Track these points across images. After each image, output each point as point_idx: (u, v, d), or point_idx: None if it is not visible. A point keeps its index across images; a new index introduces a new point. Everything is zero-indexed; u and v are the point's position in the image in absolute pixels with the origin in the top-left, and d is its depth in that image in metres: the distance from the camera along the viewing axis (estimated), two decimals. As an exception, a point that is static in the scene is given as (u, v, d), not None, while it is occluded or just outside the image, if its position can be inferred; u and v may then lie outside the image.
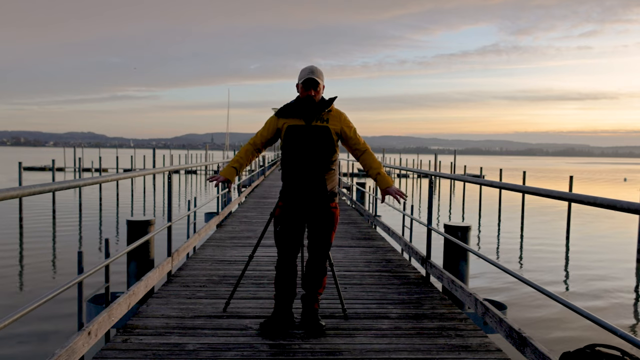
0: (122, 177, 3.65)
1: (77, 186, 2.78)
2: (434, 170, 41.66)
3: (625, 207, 2.23)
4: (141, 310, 3.91)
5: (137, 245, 4.28)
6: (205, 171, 45.94)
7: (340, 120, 3.52)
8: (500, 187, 3.69)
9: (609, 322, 2.37)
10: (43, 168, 47.08)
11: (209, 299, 4.27)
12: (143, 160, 42.43)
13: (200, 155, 66.92)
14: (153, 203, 23.54)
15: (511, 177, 41.77)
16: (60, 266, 10.79)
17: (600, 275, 11.07)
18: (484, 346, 3.35)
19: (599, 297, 9.26)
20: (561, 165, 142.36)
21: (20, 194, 2.18)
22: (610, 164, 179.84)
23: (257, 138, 3.61)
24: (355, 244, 7.18)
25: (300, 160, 3.42)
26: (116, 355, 3.06)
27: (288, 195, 3.50)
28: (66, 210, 19.32)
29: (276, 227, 3.53)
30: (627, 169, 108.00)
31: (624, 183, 50.78)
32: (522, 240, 15.74)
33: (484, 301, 3.83)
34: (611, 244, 15.26)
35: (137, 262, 5.12)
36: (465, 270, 5.34)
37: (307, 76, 3.42)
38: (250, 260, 4.15)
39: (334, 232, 3.59)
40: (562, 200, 2.79)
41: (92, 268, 3.17)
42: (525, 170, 24.69)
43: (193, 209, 6.81)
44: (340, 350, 3.22)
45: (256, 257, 5.71)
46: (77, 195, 21.75)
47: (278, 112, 3.55)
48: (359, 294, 4.55)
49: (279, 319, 3.53)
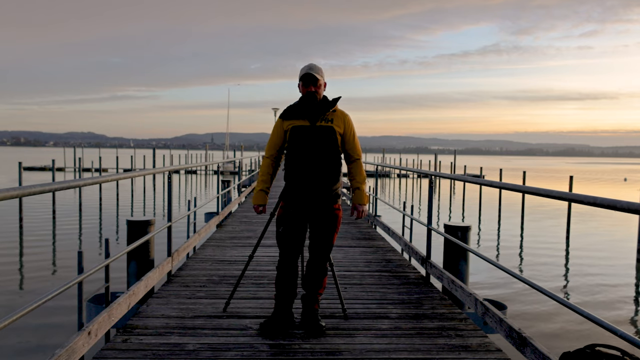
0: (122, 177, 3.65)
1: (77, 186, 2.78)
2: (434, 170, 41.66)
3: (625, 207, 2.23)
4: (141, 310, 3.91)
5: (137, 245, 4.28)
6: (206, 171, 45.95)
7: (344, 121, 3.52)
8: (500, 187, 3.69)
9: (608, 322, 2.37)
10: (43, 168, 47.09)
11: (209, 299, 4.27)
12: (143, 160, 42.44)
13: (200, 155, 66.92)
14: (153, 203, 23.54)
15: (511, 177, 41.77)
16: (60, 266, 10.79)
17: (600, 275, 11.07)
18: (484, 346, 3.35)
19: (599, 297, 9.26)
20: (561, 165, 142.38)
21: (20, 194, 2.18)
22: (610, 164, 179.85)
23: (272, 148, 3.60)
24: (355, 244, 7.18)
25: (304, 160, 3.41)
26: (116, 355, 3.05)
27: (291, 195, 3.50)
28: (66, 210, 19.32)
29: (278, 228, 3.53)
30: (627, 169, 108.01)
31: (624, 183, 50.78)
32: (522, 240, 15.74)
33: (484, 301, 3.84)
34: (611, 244, 15.26)
35: (137, 262, 5.12)
36: (465, 270, 5.34)
37: (306, 72, 3.43)
38: (250, 260, 4.16)
39: (336, 233, 3.58)
40: (562, 200, 2.79)
41: (92, 268, 3.17)
42: (525, 170, 24.67)
43: (193, 209, 6.82)
44: (340, 350, 3.22)
45: (256, 257, 5.71)
46: (77, 195, 21.75)
47: (282, 114, 3.54)
48: (359, 294, 4.55)
49: (279, 319, 3.52)
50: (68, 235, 14.45)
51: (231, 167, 43.01)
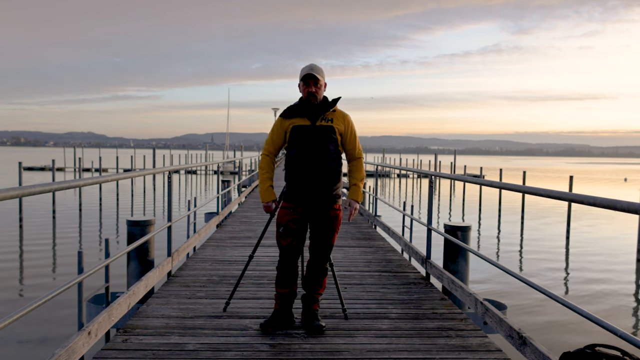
0: (122, 177, 3.65)
1: (77, 186, 2.79)
2: (434, 170, 41.65)
3: (625, 207, 2.23)
4: (141, 310, 3.91)
5: (137, 245, 4.28)
6: (206, 171, 45.93)
7: (345, 121, 3.53)
8: (500, 187, 3.69)
9: (609, 322, 2.37)
10: (43, 168, 47.08)
11: (209, 299, 4.27)
12: (143, 160, 42.41)
13: (200, 155, 66.89)
14: (153, 203, 23.54)
15: (511, 177, 41.77)
16: (60, 266, 10.79)
17: (600, 275, 11.07)
18: (484, 346, 3.35)
19: (598, 297, 9.26)
20: (561, 165, 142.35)
21: (20, 194, 2.18)
22: (610, 164, 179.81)
23: (270, 146, 3.59)
24: (356, 244, 7.17)
25: (305, 160, 3.41)
26: (116, 355, 3.06)
27: (291, 195, 3.50)
28: (66, 210, 19.32)
29: (278, 228, 3.53)
30: (627, 169, 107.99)
31: (624, 183, 50.77)
32: (522, 240, 15.74)
33: (483, 301, 3.84)
34: (611, 243, 15.25)
35: (137, 262, 5.12)
36: (465, 270, 5.34)
37: (307, 72, 3.43)
38: (250, 260, 4.16)
39: (336, 233, 3.59)
40: (562, 200, 2.79)
41: (92, 268, 3.17)
42: (525, 170, 24.66)
43: (193, 209, 6.82)
44: (340, 350, 3.22)
45: (256, 257, 5.71)
46: (77, 195, 21.75)
47: (283, 113, 3.54)
48: (359, 294, 4.55)
49: (279, 319, 3.53)
50: (68, 235, 14.45)
51: (231, 167, 43.00)
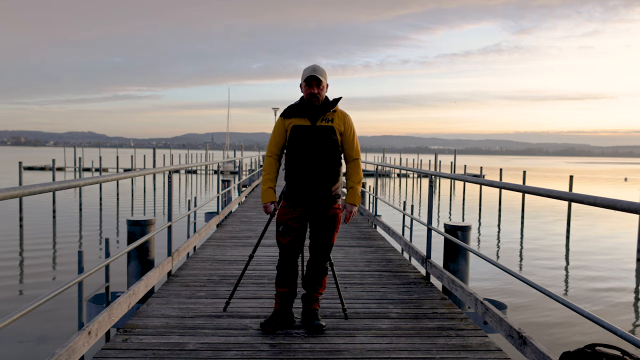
0: (122, 177, 3.65)
1: (77, 186, 2.78)
2: (434, 170, 41.67)
3: (625, 207, 2.23)
4: (141, 310, 3.91)
5: (138, 244, 4.28)
6: (206, 171, 45.94)
7: (344, 121, 3.53)
8: (500, 187, 3.69)
9: (609, 321, 2.37)
10: (43, 168, 47.08)
11: (209, 299, 4.27)
12: (143, 160, 42.42)
13: (200, 155, 66.89)
14: (153, 203, 23.53)
15: (511, 176, 41.77)
16: (60, 266, 10.79)
17: (600, 274, 11.07)
18: (484, 346, 3.35)
19: (599, 297, 9.26)
20: (561, 165, 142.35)
21: (20, 194, 2.18)
22: (610, 163, 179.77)
23: (273, 147, 3.58)
24: (356, 244, 7.18)
25: (305, 160, 3.42)
26: (116, 354, 3.06)
27: (291, 195, 3.50)
28: (66, 210, 19.32)
29: (278, 228, 3.53)
30: (627, 169, 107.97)
31: (624, 183, 50.77)
32: (522, 240, 15.74)
33: (484, 301, 3.84)
34: (611, 243, 15.25)
35: (137, 261, 5.12)
36: (466, 270, 5.34)
37: (310, 74, 3.43)
38: (250, 260, 4.16)
39: (336, 233, 3.59)
40: (562, 200, 2.79)
41: (92, 268, 3.17)
42: (525, 170, 24.66)
43: (193, 208, 6.82)
44: (340, 350, 3.22)
45: (256, 257, 5.71)
46: (77, 195, 21.75)
47: (283, 113, 3.55)
48: (359, 294, 4.55)
49: (279, 319, 3.53)
50: (68, 235, 14.44)
51: (231, 166, 43.02)
